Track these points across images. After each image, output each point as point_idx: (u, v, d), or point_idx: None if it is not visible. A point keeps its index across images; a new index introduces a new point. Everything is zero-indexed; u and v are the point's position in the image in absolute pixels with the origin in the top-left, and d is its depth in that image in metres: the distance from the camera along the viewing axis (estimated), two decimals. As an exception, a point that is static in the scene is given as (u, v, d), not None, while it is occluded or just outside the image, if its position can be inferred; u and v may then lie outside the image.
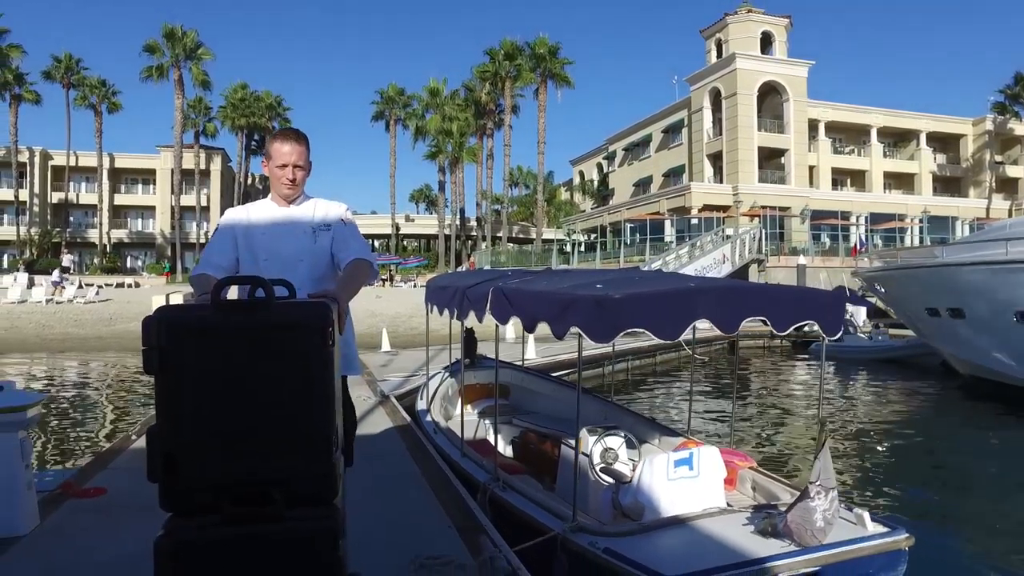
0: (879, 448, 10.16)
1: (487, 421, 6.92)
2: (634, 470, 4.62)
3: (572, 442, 5.03)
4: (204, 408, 1.85)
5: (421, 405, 7.54)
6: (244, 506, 1.83)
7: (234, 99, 54.57)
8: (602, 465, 5.04)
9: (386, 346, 16.87)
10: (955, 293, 12.94)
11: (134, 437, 6.50)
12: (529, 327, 4.28)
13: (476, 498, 4.81)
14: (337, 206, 2.99)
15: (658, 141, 52.10)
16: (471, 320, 5.65)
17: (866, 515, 3.89)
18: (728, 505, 4.40)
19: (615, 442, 5.28)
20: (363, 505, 4.12)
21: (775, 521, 3.75)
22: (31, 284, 32.94)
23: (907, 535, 3.80)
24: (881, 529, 3.81)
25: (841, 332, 16.05)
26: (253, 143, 58.43)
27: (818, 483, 3.49)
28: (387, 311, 24.37)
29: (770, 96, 44.47)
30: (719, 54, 45.26)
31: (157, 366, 1.84)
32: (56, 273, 35.03)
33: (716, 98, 44.99)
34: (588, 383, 10.67)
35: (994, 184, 49.83)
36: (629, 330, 3.74)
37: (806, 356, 21.32)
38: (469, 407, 7.44)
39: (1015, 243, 11.66)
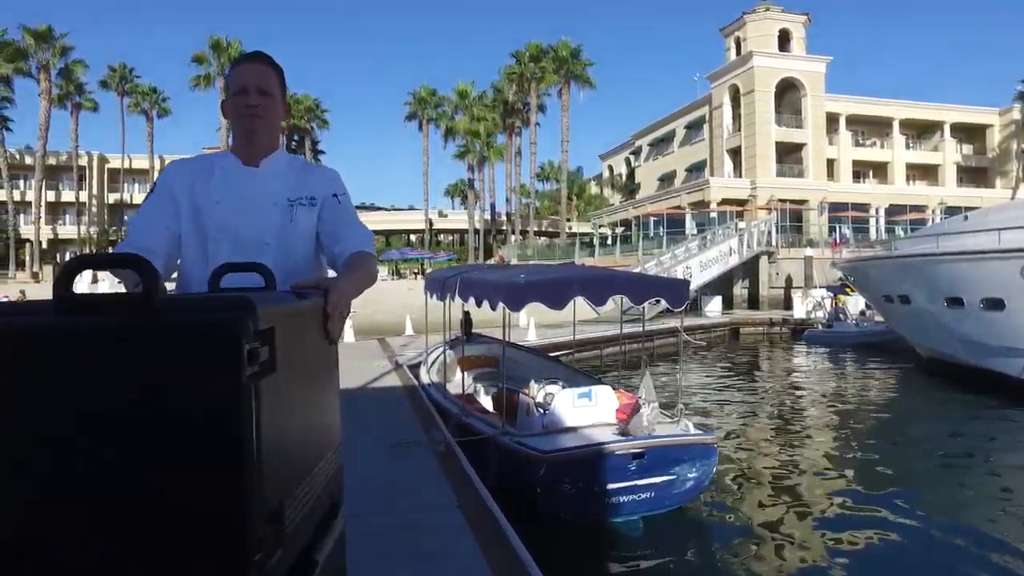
0: (827, 411, 12.09)
1: (472, 382, 9.14)
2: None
3: (526, 390, 7.22)
4: (48, 474, 0.93)
5: (422, 369, 9.77)
6: None
7: (275, 102, 57.53)
8: (540, 401, 7.18)
9: (409, 330, 19.16)
10: (902, 282, 14.58)
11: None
12: (478, 303, 6.46)
13: (448, 424, 6.99)
14: (328, 173, 2.16)
15: (681, 137, 53.55)
16: (451, 302, 7.86)
17: (691, 424, 5.96)
18: (614, 423, 6.50)
19: (554, 388, 7.40)
20: (367, 416, 6.35)
21: (626, 424, 5.85)
22: (95, 280, 36.27)
23: (715, 436, 5.86)
24: (697, 431, 5.87)
25: (831, 319, 19.27)
26: (293, 143, 61.61)
27: (643, 399, 5.57)
28: (418, 302, 26.66)
29: (789, 92, 45.57)
30: (738, 52, 46.54)
31: None
32: None
33: (735, 95, 46.27)
34: (583, 364, 12.85)
35: (1021, 173, 50.01)
36: (531, 303, 5.88)
37: (802, 344, 22.95)
38: (460, 372, 9.68)
39: (944, 238, 13.31)
